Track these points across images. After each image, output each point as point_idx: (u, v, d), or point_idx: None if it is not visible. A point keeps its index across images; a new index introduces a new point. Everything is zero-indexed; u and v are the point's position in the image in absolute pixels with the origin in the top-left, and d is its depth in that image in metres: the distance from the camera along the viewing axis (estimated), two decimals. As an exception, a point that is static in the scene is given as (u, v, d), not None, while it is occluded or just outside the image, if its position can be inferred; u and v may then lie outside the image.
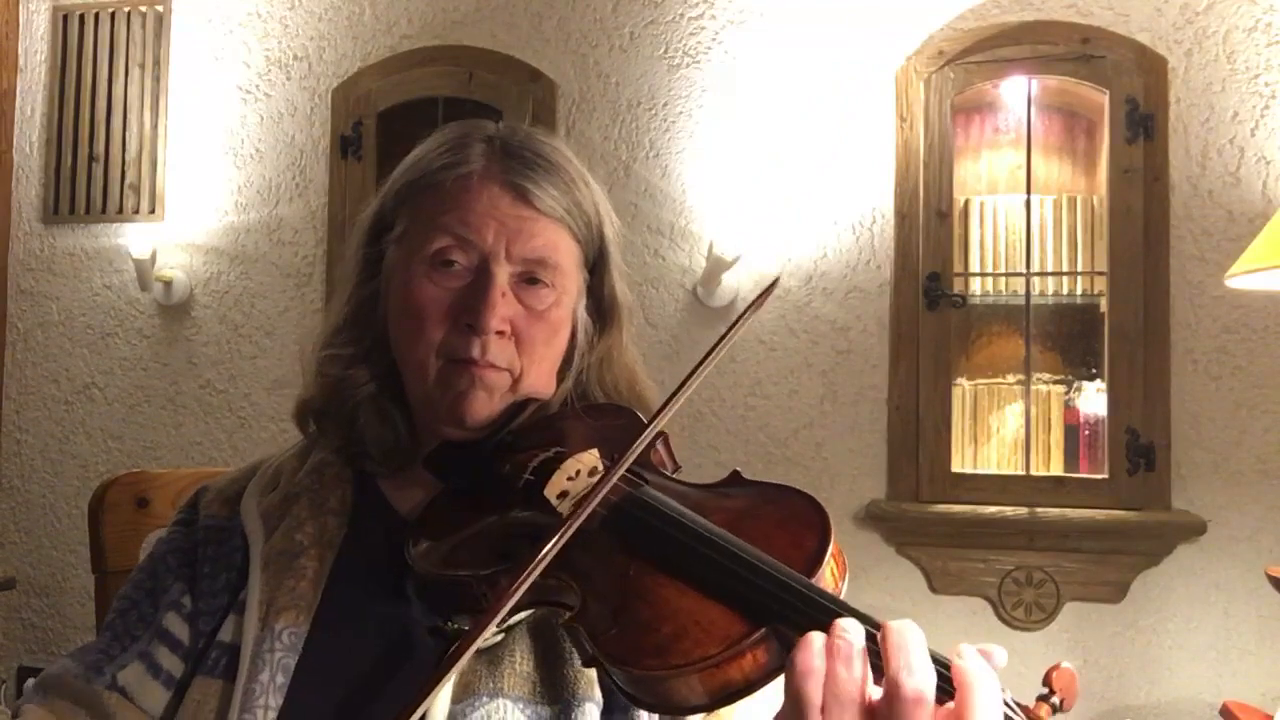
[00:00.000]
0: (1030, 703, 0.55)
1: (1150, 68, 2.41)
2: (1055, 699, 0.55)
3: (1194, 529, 2.33)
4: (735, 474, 0.72)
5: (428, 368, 0.82)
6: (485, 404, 0.82)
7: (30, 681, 0.81)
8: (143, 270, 2.81)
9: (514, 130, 0.88)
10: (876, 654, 0.53)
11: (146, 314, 2.91)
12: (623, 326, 0.92)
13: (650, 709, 0.63)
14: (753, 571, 0.59)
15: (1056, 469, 2.50)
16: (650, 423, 0.69)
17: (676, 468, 0.80)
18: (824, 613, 0.55)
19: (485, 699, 0.71)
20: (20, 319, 3.00)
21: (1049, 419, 2.54)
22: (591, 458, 0.73)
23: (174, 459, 2.85)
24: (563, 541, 0.62)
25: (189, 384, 2.88)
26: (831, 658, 0.53)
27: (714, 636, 0.57)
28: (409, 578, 0.76)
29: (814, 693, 0.52)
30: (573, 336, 0.88)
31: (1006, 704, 0.53)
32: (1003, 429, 2.58)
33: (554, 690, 0.73)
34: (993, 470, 2.54)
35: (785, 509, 0.66)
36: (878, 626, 0.54)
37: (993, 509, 2.41)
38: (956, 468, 2.48)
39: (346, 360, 0.88)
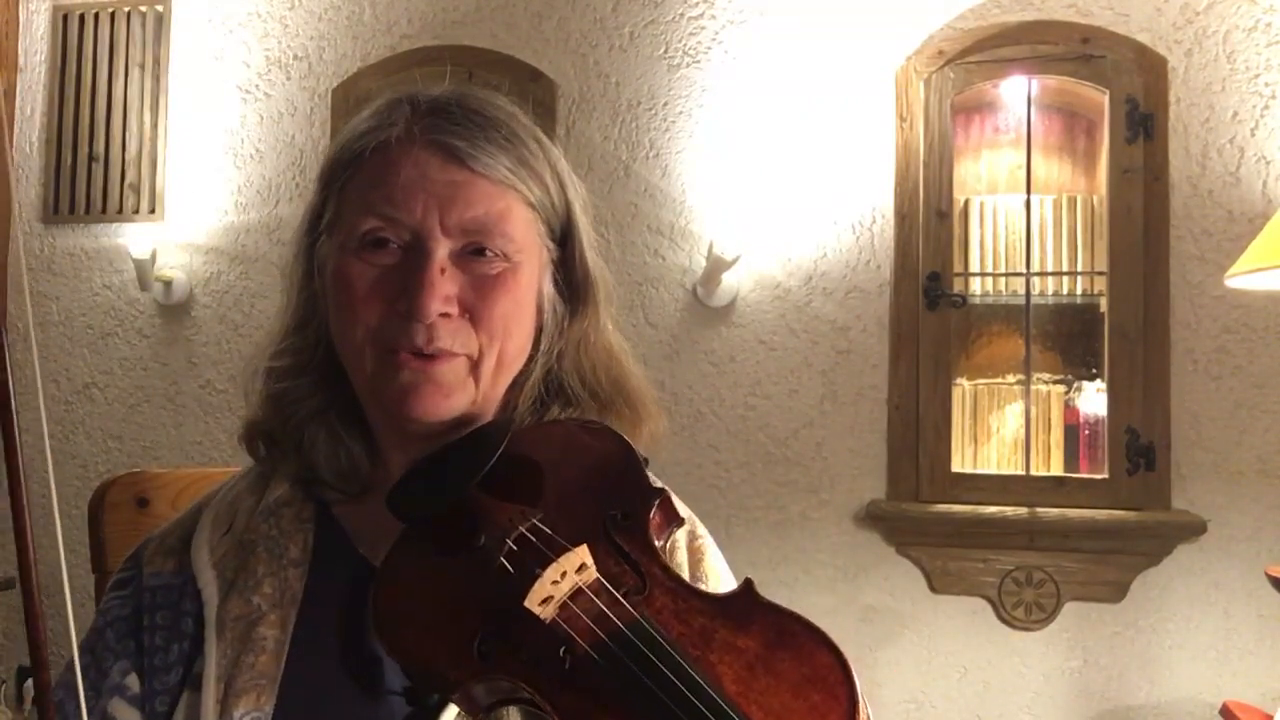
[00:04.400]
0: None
1: (1150, 67, 2.41)
2: None
3: (1194, 529, 2.33)
4: (748, 586, 0.62)
5: (364, 358, 0.72)
6: (436, 398, 0.71)
7: None
8: (143, 270, 2.81)
9: (446, 88, 0.76)
10: None
11: (146, 314, 2.91)
12: (599, 305, 0.80)
13: None
14: None
15: (1056, 469, 2.50)
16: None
17: (680, 522, 0.71)
18: None
19: None
20: (20, 319, 3.00)
21: (1049, 419, 2.54)
22: (579, 557, 0.63)
23: (174, 459, 2.85)
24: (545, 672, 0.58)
25: (189, 384, 2.88)
26: None
27: None
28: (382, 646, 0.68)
29: None
30: (540, 317, 0.77)
31: None
32: (1003, 429, 2.58)
33: None
34: (993, 470, 2.54)
35: (805, 666, 0.56)
36: None
37: (993, 509, 2.41)
38: (956, 468, 2.48)
39: (287, 370, 0.78)
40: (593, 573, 0.62)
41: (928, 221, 2.50)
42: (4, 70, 3.01)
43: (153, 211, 2.91)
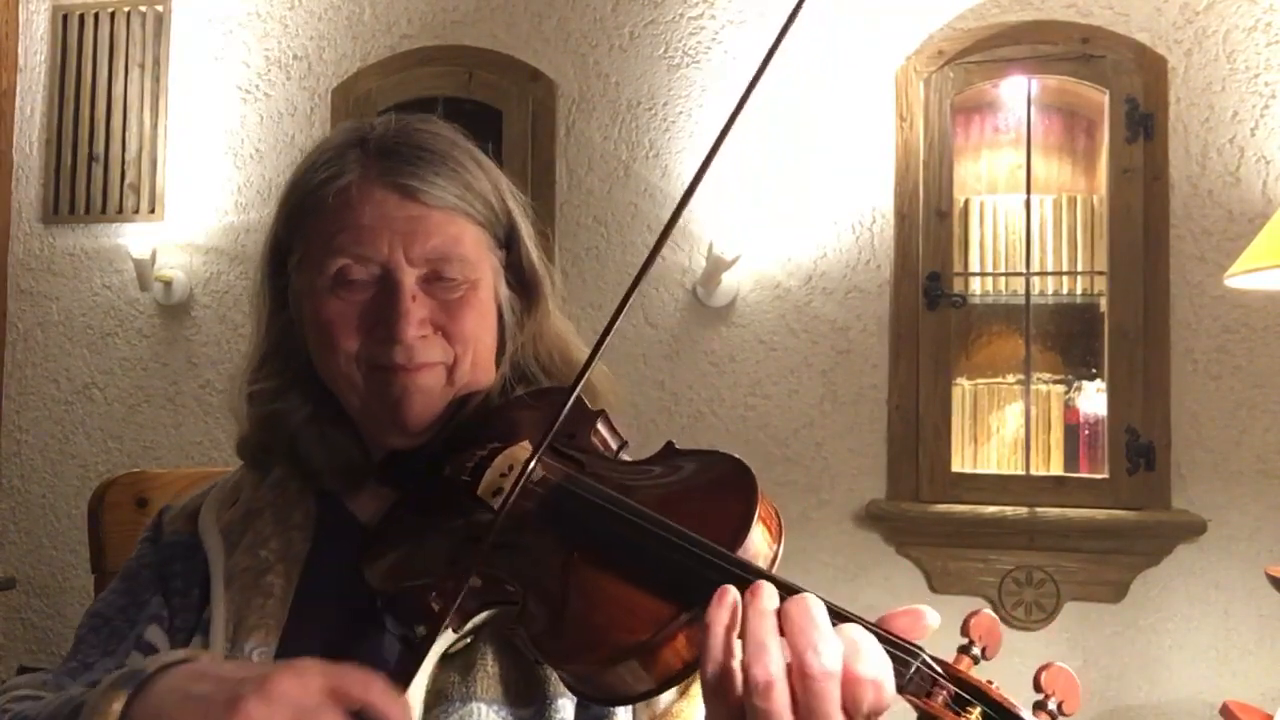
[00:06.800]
0: (951, 657, 0.54)
1: (1150, 67, 2.41)
2: (976, 649, 0.54)
3: (1194, 529, 2.33)
4: (669, 445, 0.71)
5: (353, 378, 0.80)
6: (425, 405, 0.79)
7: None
8: (143, 270, 2.81)
9: (389, 124, 0.83)
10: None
11: (146, 314, 2.91)
12: (547, 296, 0.89)
13: (602, 703, 0.64)
14: (672, 551, 0.58)
15: (1056, 469, 2.50)
16: (570, 394, 0.68)
17: (622, 444, 0.78)
18: (745, 584, 0.54)
19: (458, 704, 0.70)
20: (20, 319, 3.00)
21: (1049, 419, 2.54)
22: (523, 450, 0.72)
23: (174, 459, 2.85)
24: (490, 540, 0.63)
25: (189, 384, 2.88)
26: (748, 605, 0.52)
27: (643, 622, 0.56)
28: (375, 591, 0.75)
29: (725, 646, 0.51)
30: (500, 319, 0.86)
31: (926, 663, 0.53)
32: (1003, 429, 2.58)
33: (527, 691, 0.72)
34: (993, 470, 2.54)
35: (712, 477, 0.66)
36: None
37: (993, 509, 2.41)
38: (956, 468, 2.48)
39: (273, 392, 0.86)
40: (539, 469, 0.70)
41: (927, 221, 2.50)
42: (4, 70, 3.01)
43: (153, 211, 2.91)
